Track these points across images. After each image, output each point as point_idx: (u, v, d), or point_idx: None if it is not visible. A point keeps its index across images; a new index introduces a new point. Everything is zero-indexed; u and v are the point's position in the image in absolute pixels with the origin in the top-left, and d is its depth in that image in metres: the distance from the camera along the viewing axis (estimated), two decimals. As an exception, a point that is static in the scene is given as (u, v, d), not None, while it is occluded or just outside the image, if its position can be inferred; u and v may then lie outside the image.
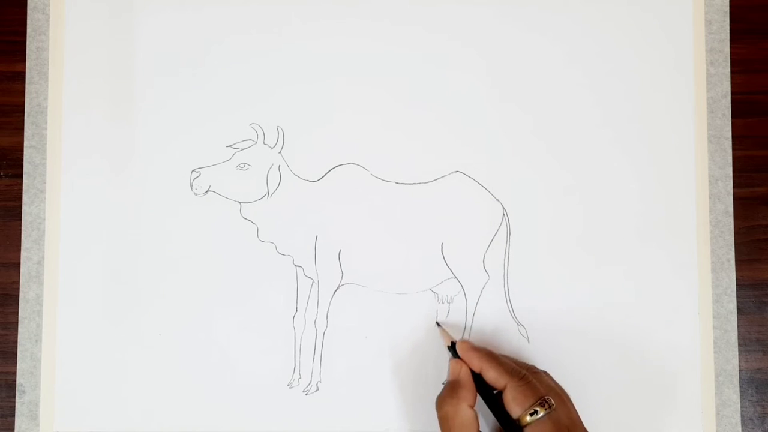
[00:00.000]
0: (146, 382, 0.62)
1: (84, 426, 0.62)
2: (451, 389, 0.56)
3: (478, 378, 0.57)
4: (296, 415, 0.62)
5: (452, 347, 0.59)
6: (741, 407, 0.63)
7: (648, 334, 0.63)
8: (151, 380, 0.62)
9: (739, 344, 0.63)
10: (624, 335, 0.63)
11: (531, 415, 0.53)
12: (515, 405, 0.53)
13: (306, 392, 0.62)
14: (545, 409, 0.53)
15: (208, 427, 0.62)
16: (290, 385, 0.63)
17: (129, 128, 0.64)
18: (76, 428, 0.62)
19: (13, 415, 0.62)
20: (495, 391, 0.56)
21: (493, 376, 0.55)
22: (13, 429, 0.62)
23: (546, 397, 0.53)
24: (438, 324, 0.62)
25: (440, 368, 0.62)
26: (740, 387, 0.63)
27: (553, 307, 0.63)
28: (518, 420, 0.53)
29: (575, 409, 0.55)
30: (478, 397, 0.56)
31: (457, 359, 0.58)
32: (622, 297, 0.63)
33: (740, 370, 0.63)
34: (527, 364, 0.58)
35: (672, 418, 0.63)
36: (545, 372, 0.58)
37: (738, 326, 0.63)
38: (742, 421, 0.63)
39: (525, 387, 0.54)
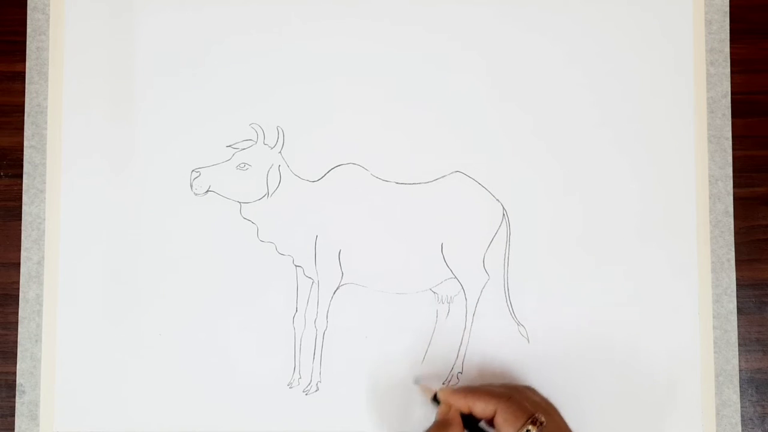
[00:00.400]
0: (146, 382, 0.62)
1: (84, 426, 0.62)
2: (438, 428, 0.56)
3: (466, 418, 0.57)
4: (296, 415, 0.62)
5: (435, 398, 0.59)
6: (741, 407, 0.63)
7: (648, 334, 0.63)
8: (151, 380, 0.62)
9: (739, 344, 0.63)
10: (624, 335, 0.63)
11: None
12: (507, 426, 0.54)
13: (306, 392, 0.62)
14: (536, 427, 0.53)
15: (208, 427, 0.62)
16: (290, 385, 0.63)
17: (129, 128, 0.64)
18: (76, 428, 0.62)
19: (13, 415, 0.62)
20: (480, 423, 0.56)
21: (481, 407, 0.55)
22: (13, 429, 0.62)
23: (536, 415, 0.54)
24: (416, 382, 0.62)
25: (440, 368, 0.62)
26: (740, 387, 0.63)
27: (553, 307, 0.63)
28: None
29: (563, 420, 0.56)
30: None
31: (443, 404, 0.58)
32: (622, 297, 0.63)
33: (740, 370, 0.63)
34: (509, 384, 0.59)
35: (672, 418, 0.63)
36: (528, 387, 0.58)
37: (738, 326, 0.63)
38: (742, 421, 0.63)
39: (514, 408, 0.54)
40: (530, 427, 0.53)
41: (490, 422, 0.55)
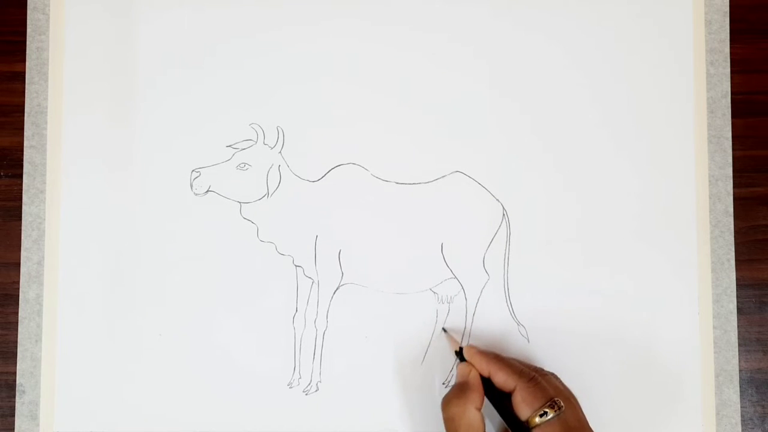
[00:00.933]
0: (146, 382, 0.62)
1: (84, 426, 0.62)
2: (459, 390, 0.56)
3: (485, 381, 0.57)
4: (296, 415, 0.62)
5: (459, 352, 0.59)
6: (741, 407, 0.63)
7: (648, 334, 0.63)
8: (151, 380, 0.62)
9: (739, 344, 0.63)
10: (624, 335, 0.63)
11: (540, 416, 0.53)
12: (525, 406, 0.54)
13: (306, 392, 0.62)
14: (554, 411, 0.53)
15: (208, 427, 0.62)
16: (290, 385, 0.63)
17: (129, 128, 0.64)
18: (76, 428, 0.62)
19: (13, 415, 0.62)
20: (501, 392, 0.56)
21: (502, 378, 0.55)
22: (13, 429, 0.62)
23: (555, 399, 0.53)
24: (444, 330, 0.62)
25: (441, 368, 0.62)
26: (740, 387, 0.63)
27: (553, 307, 0.63)
28: (527, 421, 0.53)
29: (582, 411, 0.55)
30: (485, 400, 0.56)
31: (465, 363, 0.58)
32: (622, 297, 0.63)
33: (740, 370, 0.63)
34: (535, 366, 0.59)
35: (672, 418, 0.62)
36: (553, 374, 0.58)
37: (738, 326, 0.63)
38: (742, 421, 0.63)
39: (534, 388, 0.54)
40: (548, 409, 0.53)
41: (508, 395, 0.55)
